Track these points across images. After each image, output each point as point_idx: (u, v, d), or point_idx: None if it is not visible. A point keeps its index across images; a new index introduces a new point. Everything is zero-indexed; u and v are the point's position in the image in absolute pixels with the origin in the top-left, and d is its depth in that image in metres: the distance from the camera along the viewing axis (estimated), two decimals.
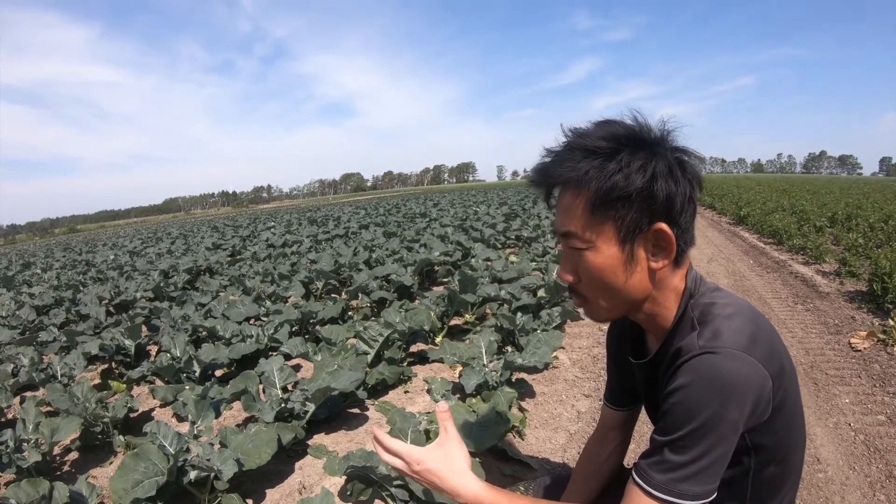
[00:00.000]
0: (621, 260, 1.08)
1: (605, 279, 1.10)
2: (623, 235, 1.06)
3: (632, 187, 1.02)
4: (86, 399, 3.82)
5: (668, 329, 1.16)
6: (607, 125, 1.08)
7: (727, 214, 16.50)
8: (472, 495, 1.17)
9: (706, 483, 1.01)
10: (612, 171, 1.03)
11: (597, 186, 1.04)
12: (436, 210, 25.25)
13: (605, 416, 1.61)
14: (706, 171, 1.21)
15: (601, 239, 1.07)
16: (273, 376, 3.85)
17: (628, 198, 1.03)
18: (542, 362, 3.75)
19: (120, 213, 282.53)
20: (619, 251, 1.07)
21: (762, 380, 1.02)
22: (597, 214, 1.06)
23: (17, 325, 7.68)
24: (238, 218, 49.84)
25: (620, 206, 1.04)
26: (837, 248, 8.73)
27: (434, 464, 1.19)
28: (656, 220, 1.05)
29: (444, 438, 1.24)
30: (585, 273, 1.12)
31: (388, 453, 1.24)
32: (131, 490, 2.55)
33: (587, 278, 1.13)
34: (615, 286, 1.11)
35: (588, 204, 1.06)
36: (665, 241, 1.07)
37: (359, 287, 6.92)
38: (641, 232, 1.06)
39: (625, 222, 1.05)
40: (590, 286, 1.14)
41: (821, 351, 4.36)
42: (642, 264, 1.09)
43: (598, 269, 1.10)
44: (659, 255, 1.09)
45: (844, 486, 2.67)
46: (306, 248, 13.81)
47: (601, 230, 1.07)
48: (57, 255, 25.59)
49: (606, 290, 1.12)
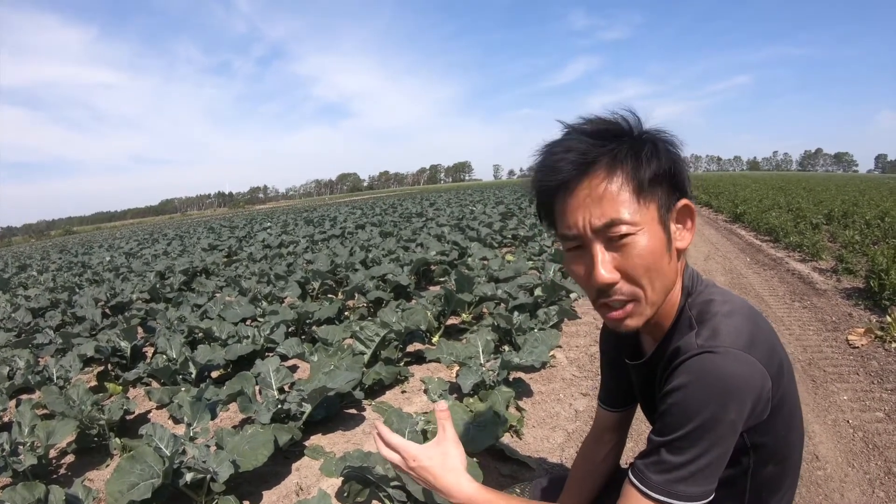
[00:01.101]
0: (664, 241, 1.04)
1: (656, 262, 1.03)
2: (663, 214, 1.03)
3: (665, 165, 1.02)
4: (82, 401, 3.80)
5: (666, 328, 1.15)
6: (606, 119, 1.06)
7: (724, 212, 16.53)
8: (464, 496, 1.16)
9: (704, 484, 1.00)
10: (649, 151, 1.01)
11: (638, 165, 1.00)
12: (432, 210, 25.24)
13: (600, 417, 1.60)
14: (702, 169, 1.21)
15: (648, 219, 1.02)
16: (269, 377, 3.84)
17: (665, 175, 1.02)
18: (539, 361, 3.74)
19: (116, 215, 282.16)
20: (662, 231, 1.04)
21: (761, 380, 1.01)
22: (644, 194, 1.01)
23: (13, 328, 7.66)
24: (234, 219, 49.78)
25: (660, 183, 1.02)
26: (834, 246, 8.76)
27: (429, 461, 1.19)
28: (681, 197, 1.06)
29: (442, 438, 1.23)
30: (635, 261, 1.02)
31: (387, 447, 1.24)
32: (127, 492, 2.53)
33: (636, 267, 1.03)
34: (663, 270, 1.05)
35: (633, 184, 1.00)
36: (690, 216, 1.08)
37: (355, 287, 6.91)
38: (670, 210, 1.05)
39: (664, 201, 1.03)
40: (638, 277, 1.04)
41: (818, 348, 4.36)
42: (673, 245, 1.07)
43: (650, 252, 1.02)
44: (683, 234, 1.09)
45: (843, 483, 2.67)
46: (302, 248, 13.79)
47: (647, 210, 1.01)
48: (53, 257, 25.54)
49: (655, 276, 1.05)
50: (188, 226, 47.32)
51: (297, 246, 14.43)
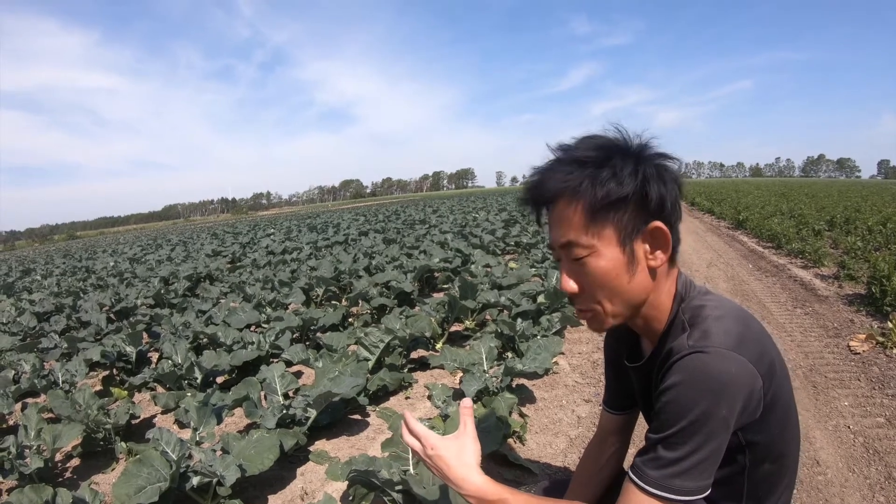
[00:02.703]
0: (623, 261, 1.12)
1: (610, 282, 1.13)
2: (623, 237, 1.10)
3: (626, 190, 1.07)
4: (87, 405, 3.83)
5: (661, 332, 1.20)
6: (592, 138, 1.14)
7: (726, 219, 16.53)
8: (473, 487, 1.20)
9: (699, 479, 1.05)
10: (606, 177, 1.08)
11: (593, 193, 1.08)
12: (435, 216, 25.27)
13: (604, 421, 1.64)
14: (705, 175, 1.26)
15: (602, 242, 1.11)
16: (274, 383, 3.86)
17: (624, 200, 1.08)
18: (542, 368, 3.77)
19: (119, 220, 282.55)
20: (621, 253, 1.11)
21: (751, 378, 1.06)
22: (597, 219, 1.10)
23: (18, 332, 7.69)
24: (238, 225, 49.85)
25: (617, 209, 1.09)
26: (836, 252, 8.76)
27: (446, 451, 1.23)
28: (652, 219, 1.10)
29: (462, 432, 1.28)
30: (589, 279, 1.15)
31: (409, 434, 1.29)
32: (134, 496, 2.55)
33: (591, 284, 1.15)
34: (620, 288, 1.14)
35: (586, 210, 1.10)
36: (663, 238, 1.12)
37: (359, 294, 6.93)
38: (639, 233, 1.11)
39: (623, 224, 1.10)
40: (594, 292, 1.16)
41: (820, 354, 4.38)
42: (642, 264, 1.14)
43: (603, 273, 1.12)
44: (656, 255, 1.13)
45: (844, 488, 2.68)
46: (306, 254, 13.82)
47: (601, 234, 1.11)
48: (57, 262, 25.59)
49: (612, 293, 1.15)
50: (192, 231, 47.44)
51: (301, 252, 14.45)
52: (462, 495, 1.22)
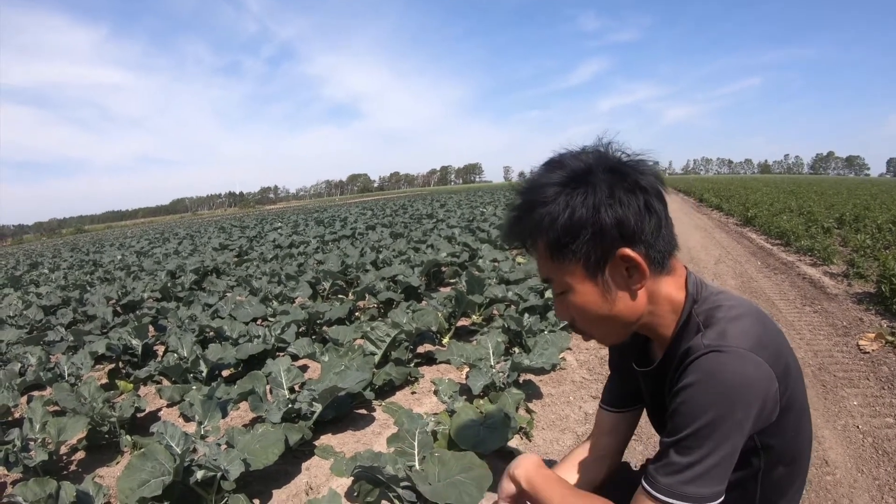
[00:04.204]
0: (598, 293, 1.11)
1: (592, 314, 1.13)
2: (590, 271, 1.09)
3: (578, 226, 1.04)
4: (93, 399, 3.83)
5: (671, 336, 1.16)
6: (549, 172, 1.10)
7: (734, 216, 16.47)
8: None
9: (713, 485, 1.00)
10: (558, 214, 1.05)
11: (548, 234, 1.07)
12: (442, 211, 25.26)
13: (602, 420, 1.54)
14: (713, 171, 1.22)
15: (573, 279, 1.11)
16: (280, 377, 3.85)
17: (578, 236, 1.05)
18: (549, 363, 3.75)
19: (127, 214, 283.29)
20: (594, 286, 1.10)
21: (769, 380, 1.02)
22: (558, 259, 1.10)
23: (25, 325, 7.73)
24: (245, 218, 50.01)
25: (575, 245, 1.06)
26: (845, 250, 8.70)
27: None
28: (617, 246, 1.05)
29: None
30: (573, 314, 1.16)
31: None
32: (138, 489, 2.55)
33: (577, 316, 1.16)
34: (605, 316, 1.13)
35: (548, 250, 1.10)
36: (633, 263, 1.07)
37: (366, 288, 6.93)
38: (607, 261, 1.07)
39: (586, 259, 1.07)
40: (583, 322, 1.17)
41: (829, 353, 4.34)
42: (622, 290, 1.11)
43: (582, 307, 1.13)
44: (634, 276, 1.09)
45: (853, 488, 2.65)
46: (313, 248, 13.85)
47: (569, 271, 1.10)
48: (64, 255, 25.74)
49: (599, 323, 1.15)
50: (199, 225, 47.56)
51: (308, 246, 14.49)
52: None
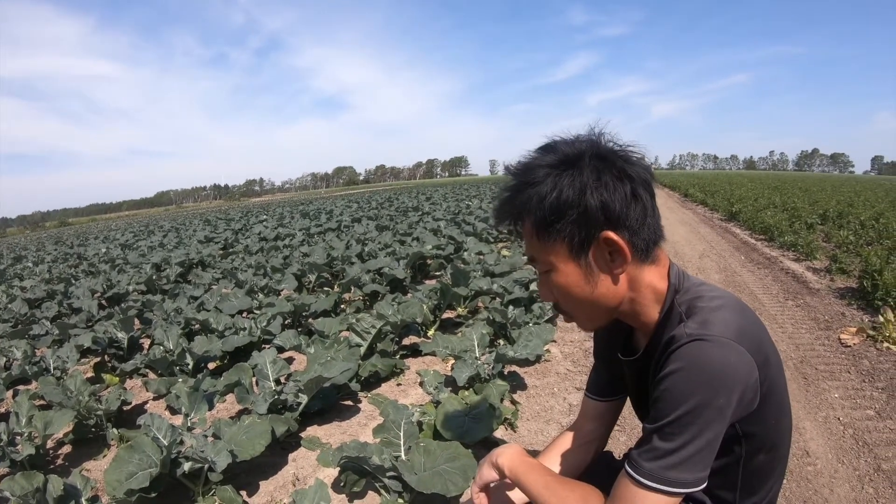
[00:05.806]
0: (580, 274, 1.14)
1: (574, 294, 1.16)
2: (574, 251, 1.11)
3: (564, 206, 1.07)
4: (79, 392, 3.81)
5: (654, 325, 1.18)
6: (542, 155, 1.13)
7: (719, 211, 16.55)
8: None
9: (695, 471, 1.02)
10: (546, 194, 1.08)
11: (535, 213, 1.10)
12: (428, 204, 25.20)
13: (587, 408, 1.58)
14: (699, 167, 1.24)
15: (557, 259, 1.14)
16: (266, 368, 3.85)
17: (564, 216, 1.08)
18: (533, 355, 3.78)
19: (111, 207, 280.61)
20: (577, 267, 1.13)
21: (750, 369, 1.04)
22: (543, 238, 1.13)
23: (9, 319, 7.66)
24: (230, 211, 49.69)
25: (560, 225, 1.09)
26: (828, 246, 8.80)
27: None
28: (600, 229, 1.08)
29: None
30: (557, 292, 1.19)
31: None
32: (125, 482, 2.55)
33: (560, 296, 1.20)
34: (586, 298, 1.16)
35: (534, 228, 1.13)
36: (615, 246, 1.09)
37: (351, 280, 6.93)
38: (591, 243, 1.10)
39: (570, 239, 1.10)
40: (566, 303, 1.21)
41: (811, 346, 4.40)
42: (604, 272, 1.13)
43: (565, 287, 1.16)
44: (616, 260, 1.11)
45: (833, 479, 2.70)
46: (299, 241, 13.80)
47: (554, 251, 1.13)
48: (48, 249, 25.45)
49: (580, 304, 1.19)
50: (184, 218, 47.24)
51: (294, 239, 14.44)
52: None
